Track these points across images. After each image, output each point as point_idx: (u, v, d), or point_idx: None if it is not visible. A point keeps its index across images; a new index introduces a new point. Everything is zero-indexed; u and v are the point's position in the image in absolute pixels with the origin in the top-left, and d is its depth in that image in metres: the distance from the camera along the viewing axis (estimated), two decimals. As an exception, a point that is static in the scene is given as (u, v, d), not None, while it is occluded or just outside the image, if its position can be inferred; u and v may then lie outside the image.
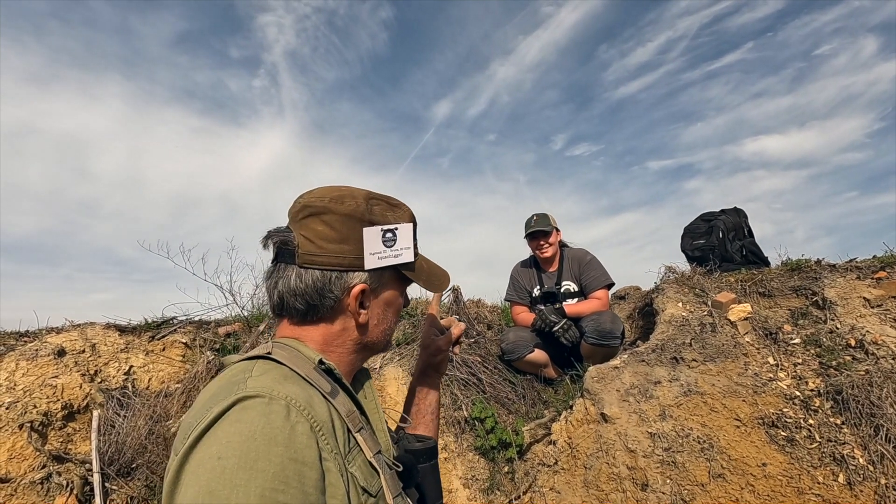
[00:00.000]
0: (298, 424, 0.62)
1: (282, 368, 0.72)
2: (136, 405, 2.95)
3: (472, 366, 3.28)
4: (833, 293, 3.01)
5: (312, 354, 0.77)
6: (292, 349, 0.77)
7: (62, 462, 2.61)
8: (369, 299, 0.81)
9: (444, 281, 0.92)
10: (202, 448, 0.58)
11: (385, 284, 0.83)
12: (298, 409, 0.63)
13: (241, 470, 0.55)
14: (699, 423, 2.39)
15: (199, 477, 0.55)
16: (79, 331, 3.46)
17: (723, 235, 3.67)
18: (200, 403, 0.66)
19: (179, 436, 0.64)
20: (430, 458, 0.93)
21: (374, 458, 0.74)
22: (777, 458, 2.21)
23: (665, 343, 2.83)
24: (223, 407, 0.61)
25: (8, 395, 2.77)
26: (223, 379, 0.71)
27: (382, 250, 0.81)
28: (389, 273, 0.83)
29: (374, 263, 0.80)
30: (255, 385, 0.64)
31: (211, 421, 0.60)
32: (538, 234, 3.26)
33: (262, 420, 0.60)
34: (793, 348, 2.76)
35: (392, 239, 0.82)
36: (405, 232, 0.83)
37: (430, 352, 1.06)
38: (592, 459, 2.44)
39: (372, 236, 0.80)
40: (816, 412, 2.34)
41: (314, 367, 0.75)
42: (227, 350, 3.58)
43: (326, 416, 0.68)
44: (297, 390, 0.67)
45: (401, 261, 0.82)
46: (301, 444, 0.61)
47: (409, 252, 0.83)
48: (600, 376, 2.70)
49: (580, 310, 3.13)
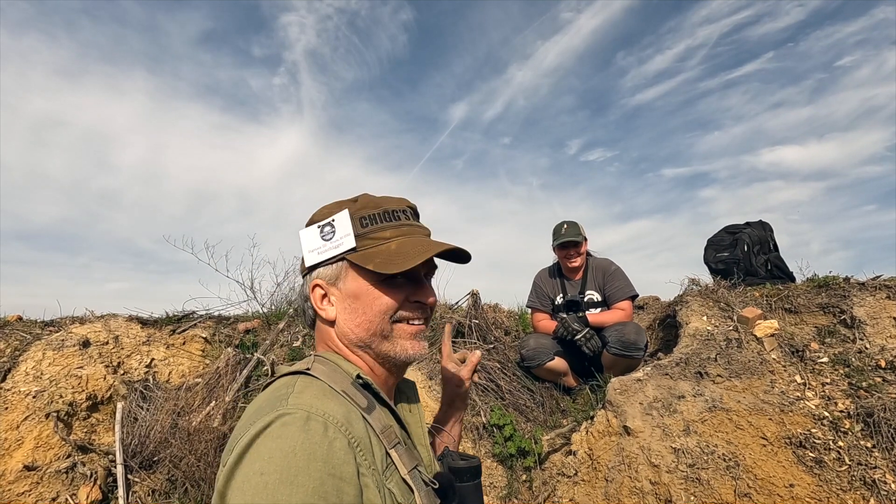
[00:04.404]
0: (336, 441, 0.63)
1: (321, 384, 0.73)
2: (158, 398, 2.99)
3: (490, 372, 3.27)
4: (862, 312, 2.95)
5: (351, 369, 0.78)
6: (332, 364, 0.79)
7: (86, 452, 2.65)
8: (331, 293, 0.82)
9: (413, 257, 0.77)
10: (246, 464, 0.60)
11: (342, 277, 0.82)
12: (336, 426, 0.65)
13: (282, 485, 0.57)
14: (724, 441, 2.36)
15: (245, 492, 0.58)
16: (102, 322, 3.50)
17: (748, 249, 3.62)
18: (246, 416, 0.70)
19: (227, 448, 0.67)
20: (474, 477, 0.92)
21: (409, 474, 0.73)
22: (805, 479, 2.18)
23: (689, 357, 2.80)
24: (266, 422, 0.63)
25: (35, 383, 2.82)
26: (267, 393, 0.74)
27: (321, 245, 0.82)
28: (341, 265, 0.81)
29: (312, 259, 0.83)
30: (295, 402, 0.67)
31: (253, 436, 0.62)
32: (568, 245, 3.24)
33: (302, 436, 0.61)
34: (820, 367, 2.72)
35: (331, 231, 0.82)
36: (341, 220, 0.81)
37: (453, 384, 1.11)
38: (614, 472, 2.42)
39: (308, 236, 0.84)
40: (846, 434, 2.30)
41: (352, 382, 0.76)
42: (247, 346, 3.60)
43: (364, 432, 0.69)
44: (335, 407, 0.68)
45: (341, 249, 0.80)
46: (339, 459, 0.62)
47: (349, 238, 0.80)
48: (623, 388, 2.68)
49: (603, 319, 3.11)
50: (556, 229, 3.33)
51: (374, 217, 0.82)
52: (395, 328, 0.81)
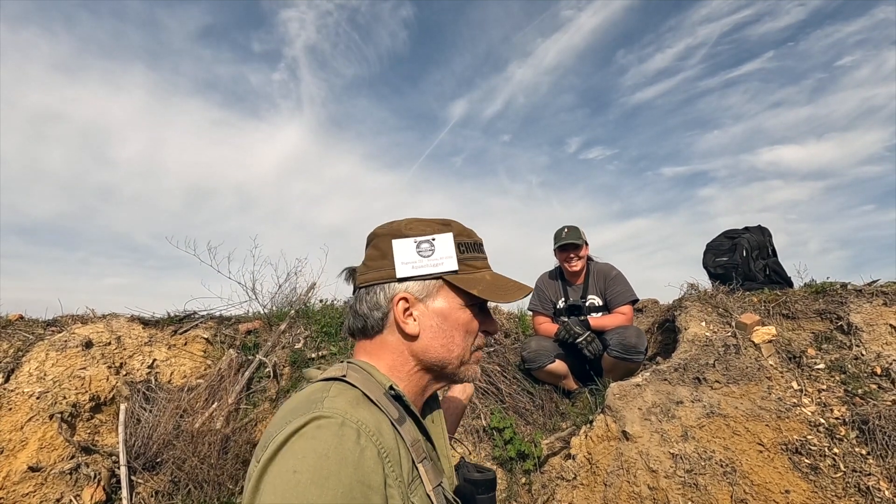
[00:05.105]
0: (367, 449, 0.65)
1: (355, 391, 0.75)
2: (160, 399, 3.00)
3: (491, 375, 3.30)
4: (859, 318, 2.99)
5: (384, 380, 0.80)
6: (365, 373, 0.80)
7: (90, 453, 2.67)
8: (416, 308, 0.83)
9: (512, 293, 0.85)
10: (280, 460, 0.62)
11: (433, 295, 0.83)
12: (368, 434, 0.67)
13: (313, 485, 0.59)
14: (722, 446, 2.40)
15: (276, 487, 0.60)
16: (104, 322, 3.51)
17: (746, 254, 3.65)
18: (281, 416, 0.71)
19: (261, 444, 0.69)
20: (489, 489, 0.95)
21: (434, 490, 0.75)
22: (801, 485, 2.21)
23: (688, 363, 2.83)
24: (301, 423, 0.65)
25: (38, 384, 2.83)
26: (303, 395, 0.75)
27: (416, 260, 0.83)
28: (437, 283, 0.84)
29: (406, 272, 0.83)
30: (330, 406, 0.68)
31: (289, 434, 0.64)
32: (569, 247, 3.26)
33: (335, 440, 0.63)
34: (817, 374, 2.75)
35: (429, 249, 0.83)
36: (444, 241, 0.84)
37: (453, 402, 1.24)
38: (613, 477, 2.45)
39: (403, 247, 0.83)
40: (841, 441, 2.34)
41: (384, 392, 0.78)
42: (248, 348, 3.62)
43: (393, 443, 0.71)
44: (367, 415, 0.70)
45: (441, 269, 0.83)
46: (369, 468, 0.64)
47: (452, 261, 0.83)
48: (622, 393, 2.71)
49: (605, 323, 3.14)
50: (557, 233, 3.36)
51: (469, 246, 0.87)
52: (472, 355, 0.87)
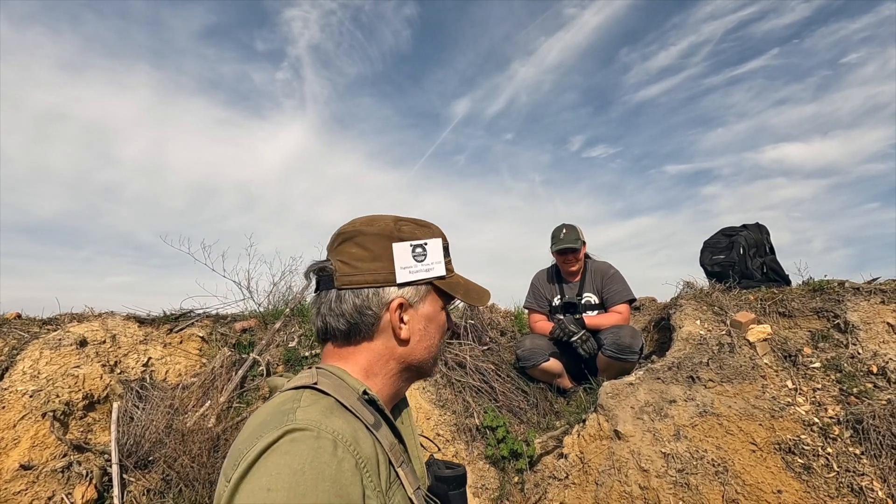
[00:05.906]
0: (345, 461, 0.63)
1: (328, 399, 0.72)
2: (154, 398, 3.01)
3: (485, 373, 3.28)
4: (856, 317, 2.96)
5: (357, 385, 0.78)
6: (337, 378, 0.77)
7: (82, 452, 2.68)
8: (408, 313, 0.83)
9: (484, 296, 0.93)
10: (253, 478, 0.59)
11: (423, 299, 0.84)
12: (345, 445, 0.65)
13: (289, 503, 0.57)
14: (714, 446, 2.38)
15: None
16: (100, 321, 3.52)
17: (743, 252, 3.62)
18: (250, 430, 0.68)
19: (229, 461, 0.66)
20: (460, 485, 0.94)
21: (415, 494, 0.74)
22: (793, 485, 2.19)
23: (682, 361, 2.81)
24: (274, 437, 0.62)
25: (32, 383, 2.84)
26: (272, 406, 0.72)
27: (413, 265, 0.83)
28: (426, 288, 0.85)
29: (405, 277, 0.82)
30: (304, 416, 0.66)
31: (261, 450, 0.61)
32: (567, 251, 3.24)
33: (311, 454, 0.61)
34: (812, 372, 2.73)
35: (422, 254, 0.84)
36: (434, 247, 0.85)
37: None
38: (604, 476, 2.44)
39: (401, 251, 0.83)
40: (835, 440, 2.31)
41: (358, 397, 0.76)
42: (243, 346, 3.62)
43: (371, 450, 0.69)
44: (342, 424, 0.68)
45: (433, 274, 0.84)
46: (346, 481, 0.62)
47: (441, 266, 0.85)
48: (615, 392, 2.69)
49: (600, 322, 3.12)
50: (554, 233, 3.33)
51: (447, 249, 0.90)
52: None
